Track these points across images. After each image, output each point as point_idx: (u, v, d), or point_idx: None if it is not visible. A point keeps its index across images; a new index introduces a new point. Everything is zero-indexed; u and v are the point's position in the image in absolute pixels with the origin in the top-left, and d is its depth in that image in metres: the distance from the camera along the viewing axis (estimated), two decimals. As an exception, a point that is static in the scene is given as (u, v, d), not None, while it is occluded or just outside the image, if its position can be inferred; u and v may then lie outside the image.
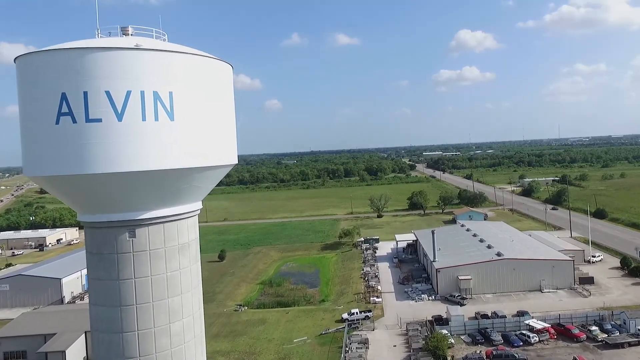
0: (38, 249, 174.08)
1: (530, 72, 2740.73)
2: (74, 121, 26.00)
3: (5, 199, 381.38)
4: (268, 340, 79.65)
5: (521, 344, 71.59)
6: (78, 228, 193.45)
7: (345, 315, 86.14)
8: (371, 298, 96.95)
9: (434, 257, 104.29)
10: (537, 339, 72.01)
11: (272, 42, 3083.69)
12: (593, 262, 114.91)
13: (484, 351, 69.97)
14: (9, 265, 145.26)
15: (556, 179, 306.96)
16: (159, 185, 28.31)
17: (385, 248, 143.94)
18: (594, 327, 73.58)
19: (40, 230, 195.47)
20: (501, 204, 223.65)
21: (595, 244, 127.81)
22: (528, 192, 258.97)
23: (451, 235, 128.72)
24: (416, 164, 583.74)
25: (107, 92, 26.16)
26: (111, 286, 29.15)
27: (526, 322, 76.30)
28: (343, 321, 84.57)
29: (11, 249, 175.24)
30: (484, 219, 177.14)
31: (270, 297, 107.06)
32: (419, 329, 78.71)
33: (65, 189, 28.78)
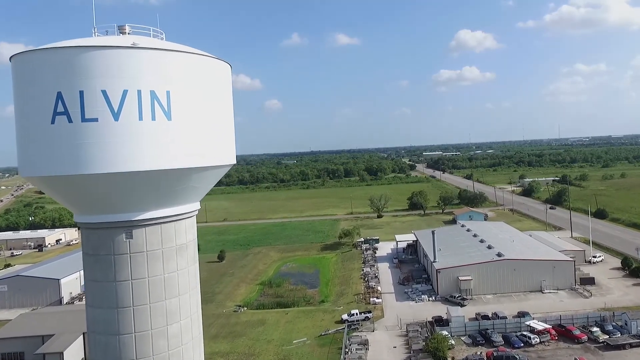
0: (37, 250, 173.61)
1: (530, 72, 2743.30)
2: (69, 121, 25.63)
3: (5, 199, 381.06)
4: (267, 341, 79.27)
5: (522, 345, 71.16)
6: (77, 228, 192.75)
7: (345, 316, 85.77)
8: (371, 299, 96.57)
9: (434, 258, 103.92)
10: (538, 340, 71.58)
11: (272, 42, 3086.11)
12: (594, 262, 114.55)
13: (484, 352, 69.61)
14: (8, 265, 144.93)
15: (556, 179, 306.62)
16: (156, 185, 27.95)
17: (385, 248, 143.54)
18: (595, 328, 73.16)
19: (40, 231, 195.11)
20: (501, 204, 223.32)
21: (595, 244, 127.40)
22: (528, 192, 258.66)
23: (451, 236, 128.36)
24: (416, 164, 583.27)
25: (104, 92, 25.79)
26: (108, 288, 28.81)
27: (527, 323, 75.90)
28: (343, 322, 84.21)
29: (10, 249, 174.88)
30: (484, 219, 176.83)
31: (269, 298, 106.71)
32: (419, 330, 78.34)
33: (61, 189, 28.44)
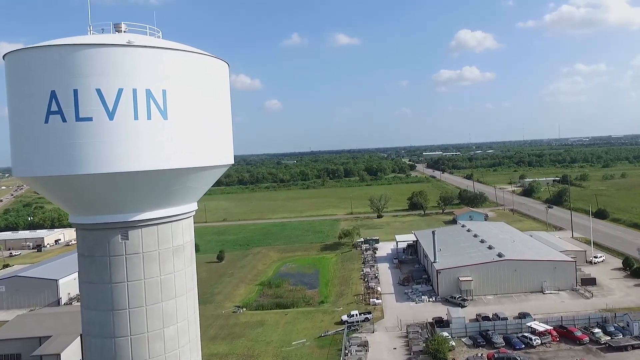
0: (36, 250, 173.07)
1: (530, 72, 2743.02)
2: (63, 120, 25.29)
3: (4, 199, 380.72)
4: (266, 343, 78.74)
5: (523, 346, 70.55)
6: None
7: (344, 317, 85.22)
8: (371, 299, 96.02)
9: (435, 258, 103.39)
10: (539, 341, 70.98)
11: (272, 42, 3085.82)
12: (595, 263, 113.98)
13: (485, 354, 69.08)
14: (7, 266, 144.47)
15: (557, 179, 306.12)
16: (152, 186, 27.55)
17: (385, 249, 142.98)
18: (596, 330, 72.53)
19: (39, 231, 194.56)
20: (502, 204, 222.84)
21: (596, 245, 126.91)
22: (528, 192, 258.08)
23: (452, 236, 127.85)
24: (416, 164, 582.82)
25: (98, 90, 25.42)
26: (103, 290, 28.47)
27: (528, 324, 75.34)
28: (342, 323, 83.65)
29: (9, 249, 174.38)
30: (485, 219, 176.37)
31: (269, 299, 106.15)
32: (420, 331, 77.82)
33: (56, 190, 28.04)
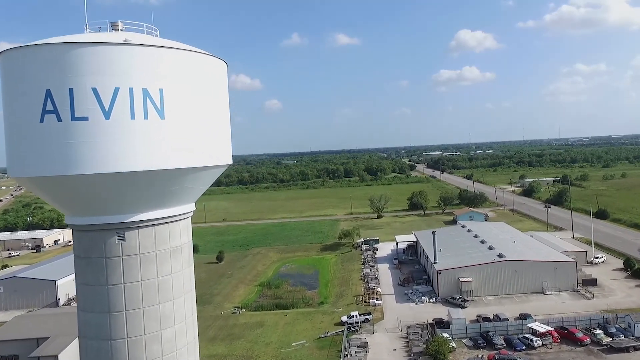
0: (35, 250, 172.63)
1: (530, 72, 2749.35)
2: (59, 119, 24.89)
3: (4, 199, 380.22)
4: (266, 344, 78.29)
5: (524, 347, 70.15)
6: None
7: (344, 318, 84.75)
8: (371, 300, 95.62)
9: (435, 259, 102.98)
10: (540, 342, 70.58)
11: (272, 42, 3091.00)
12: (596, 263, 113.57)
13: (486, 355, 68.66)
14: (5, 266, 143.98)
15: (557, 179, 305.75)
16: (149, 186, 27.15)
17: (385, 249, 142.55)
18: (598, 331, 72.14)
19: (38, 231, 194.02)
20: (502, 205, 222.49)
21: (597, 245, 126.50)
22: (529, 192, 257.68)
23: (452, 236, 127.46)
24: (416, 164, 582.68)
25: (94, 89, 25.02)
26: (100, 291, 28.08)
27: (529, 325, 74.94)
28: (342, 324, 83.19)
29: (8, 249, 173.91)
30: (485, 220, 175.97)
31: (268, 299, 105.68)
32: (420, 332, 77.41)
33: (51, 190, 27.63)
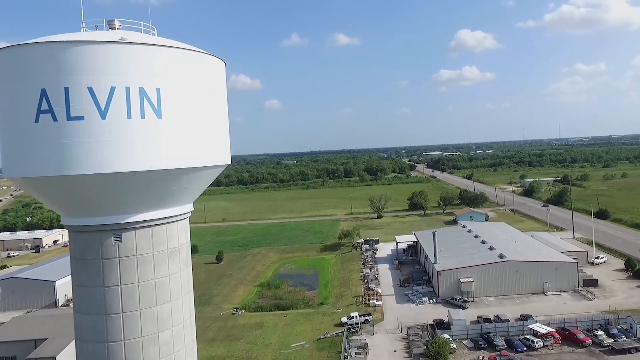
0: (34, 251, 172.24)
1: (530, 72, 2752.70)
2: (54, 119, 24.54)
3: (4, 199, 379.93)
4: (265, 345, 77.86)
5: (525, 349, 69.77)
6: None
7: (344, 319, 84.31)
8: (371, 301, 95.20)
9: (435, 259, 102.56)
10: (541, 343, 70.18)
11: (272, 42, 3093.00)
12: (597, 263, 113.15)
13: (487, 357, 68.28)
14: (4, 267, 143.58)
15: (557, 179, 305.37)
16: (146, 187, 26.79)
17: (385, 249, 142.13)
18: (599, 332, 71.75)
19: (37, 232, 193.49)
20: (502, 205, 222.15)
21: (598, 245, 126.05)
22: (529, 192, 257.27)
23: (452, 237, 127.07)
24: (416, 164, 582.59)
25: (90, 88, 24.66)
26: (96, 293, 27.73)
27: (530, 326, 74.53)
28: (342, 325, 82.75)
29: (7, 250, 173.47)
30: (485, 220, 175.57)
31: (268, 300, 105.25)
32: (420, 333, 77.02)
33: (46, 190, 27.26)
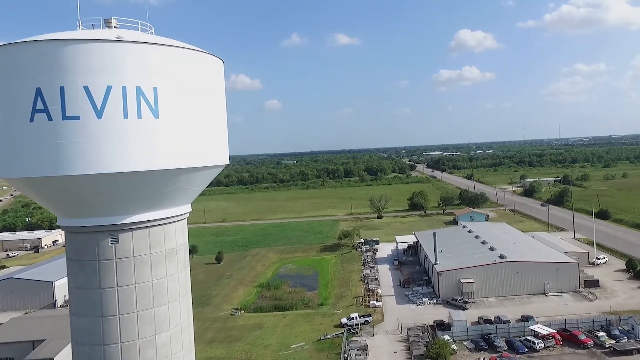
0: (33, 251, 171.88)
1: (530, 72, 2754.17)
2: (49, 118, 24.27)
3: (4, 199, 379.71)
4: (265, 346, 77.42)
5: (526, 350, 69.36)
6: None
7: (344, 320, 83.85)
8: (371, 302, 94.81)
9: (435, 260, 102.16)
10: (542, 345, 69.76)
11: (272, 42, 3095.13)
12: (598, 264, 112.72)
13: (487, 358, 67.89)
14: (3, 267, 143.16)
15: (558, 179, 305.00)
16: (143, 187, 26.48)
17: (385, 250, 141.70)
18: (601, 333, 71.30)
19: (36, 232, 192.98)
20: (502, 205, 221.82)
21: (599, 246, 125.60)
22: (529, 192, 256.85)
23: (452, 237, 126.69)
24: (416, 164, 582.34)
25: (86, 88, 24.38)
26: (92, 295, 27.46)
27: (531, 327, 74.09)
28: (342, 326, 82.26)
29: (6, 250, 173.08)
30: (486, 220, 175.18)
31: (267, 301, 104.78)
32: (420, 334, 76.59)
33: (42, 191, 26.98)
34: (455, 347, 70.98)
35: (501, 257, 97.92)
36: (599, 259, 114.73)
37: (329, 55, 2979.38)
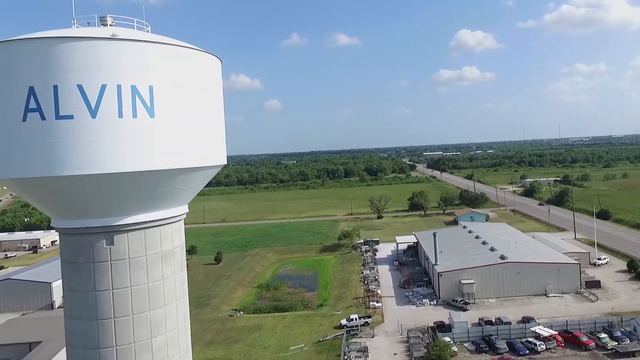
0: (32, 251, 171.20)
1: (530, 72, 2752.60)
2: (42, 118, 23.79)
3: (4, 199, 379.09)
4: (264, 348, 76.81)
5: (527, 352, 68.80)
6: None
7: (344, 321, 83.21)
8: (371, 303, 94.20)
9: (436, 260, 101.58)
10: (544, 346, 69.16)
11: (272, 42, 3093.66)
12: (599, 265, 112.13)
13: (488, 360, 67.38)
14: (1, 268, 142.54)
15: (558, 179, 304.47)
16: (138, 188, 25.98)
17: (385, 250, 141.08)
18: (603, 335, 70.73)
19: (35, 232, 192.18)
20: (503, 205, 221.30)
21: (600, 246, 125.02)
22: (530, 192, 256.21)
23: (453, 237, 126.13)
24: (416, 164, 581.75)
25: (80, 86, 23.90)
26: (87, 298, 27.01)
27: (532, 329, 73.51)
28: (341, 327, 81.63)
29: (4, 250, 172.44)
30: (486, 220, 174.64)
31: (267, 302, 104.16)
32: (421, 336, 76.02)
33: (35, 192, 26.50)
34: (456, 349, 70.41)
35: (502, 257, 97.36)
36: (600, 259, 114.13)
37: (329, 55, 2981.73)
